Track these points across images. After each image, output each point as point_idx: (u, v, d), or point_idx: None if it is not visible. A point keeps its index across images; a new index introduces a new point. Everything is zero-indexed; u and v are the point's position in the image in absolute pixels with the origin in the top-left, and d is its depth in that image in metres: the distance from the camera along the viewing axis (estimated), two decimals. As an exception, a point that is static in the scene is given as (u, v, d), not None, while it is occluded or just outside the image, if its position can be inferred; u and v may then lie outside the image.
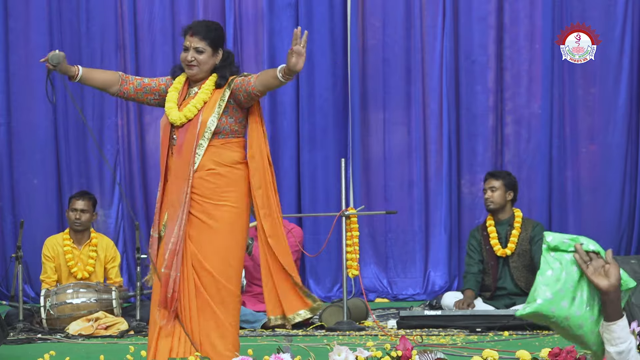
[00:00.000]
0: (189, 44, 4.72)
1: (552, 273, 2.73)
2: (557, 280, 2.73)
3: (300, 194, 9.43)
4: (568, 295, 2.72)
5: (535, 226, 7.43)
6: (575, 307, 2.72)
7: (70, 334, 6.79)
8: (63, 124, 9.50)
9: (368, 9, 9.50)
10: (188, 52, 4.73)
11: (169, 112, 4.73)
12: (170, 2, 9.51)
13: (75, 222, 7.63)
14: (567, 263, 2.74)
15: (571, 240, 2.75)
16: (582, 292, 2.73)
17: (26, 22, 9.53)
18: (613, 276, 2.67)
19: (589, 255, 2.71)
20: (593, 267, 2.69)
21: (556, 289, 2.72)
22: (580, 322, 2.72)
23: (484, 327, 6.70)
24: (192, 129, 4.69)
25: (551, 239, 2.76)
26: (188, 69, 4.74)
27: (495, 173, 7.59)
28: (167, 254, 4.63)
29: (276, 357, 3.92)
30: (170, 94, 4.79)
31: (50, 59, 5.03)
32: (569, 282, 2.72)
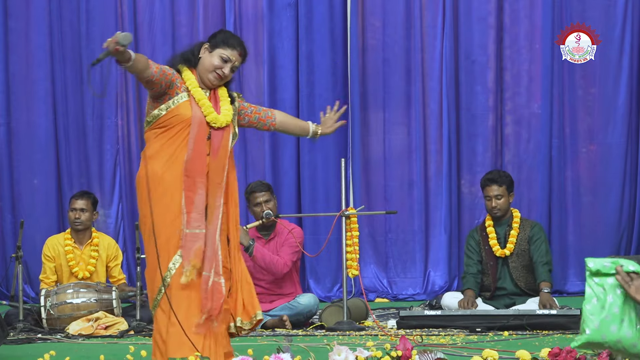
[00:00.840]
0: (233, 59, 4.72)
1: (597, 301, 2.85)
2: (602, 307, 2.85)
3: (300, 194, 9.44)
4: (616, 319, 2.84)
5: (534, 226, 7.42)
6: (624, 329, 2.84)
7: (70, 334, 6.79)
8: (63, 124, 9.50)
9: (368, 9, 9.51)
10: (226, 65, 4.70)
11: (210, 112, 4.67)
12: (170, 2, 9.51)
13: (75, 221, 7.63)
14: (610, 287, 2.85)
15: (612, 263, 2.86)
16: (630, 313, 2.85)
17: (26, 22, 9.53)
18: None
19: (629, 275, 2.82)
20: (635, 286, 2.80)
21: (602, 316, 2.84)
22: (633, 342, 2.85)
23: (484, 327, 6.70)
24: (226, 135, 4.68)
25: (592, 264, 2.88)
26: (216, 79, 4.72)
27: (496, 179, 7.44)
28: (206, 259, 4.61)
29: (276, 357, 3.92)
30: (197, 91, 4.71)
31: (122, 39, 4.44)
32: (615, 306, 2.84)
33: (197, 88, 4.68)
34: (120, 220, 9.54)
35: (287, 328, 7.03)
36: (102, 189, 9.46)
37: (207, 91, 4.75)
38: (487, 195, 7.42)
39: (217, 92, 4.76)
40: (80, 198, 7.68)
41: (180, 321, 4.52)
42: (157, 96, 4.65)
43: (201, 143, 4.62)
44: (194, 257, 4.55)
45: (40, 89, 9.52)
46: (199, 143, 4.61)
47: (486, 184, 7.44)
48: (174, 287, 4.56)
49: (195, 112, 4.63)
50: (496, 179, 7.42)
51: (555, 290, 7.54)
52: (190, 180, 4.60)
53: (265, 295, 7.27)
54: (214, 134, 4.66)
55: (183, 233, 4.58)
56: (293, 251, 7.30)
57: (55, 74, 9.52)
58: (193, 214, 4.58)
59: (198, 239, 4.57)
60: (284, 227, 7.37)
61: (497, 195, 7.38)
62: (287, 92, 9.42)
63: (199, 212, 4.58)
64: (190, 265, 4.54)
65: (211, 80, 4.71)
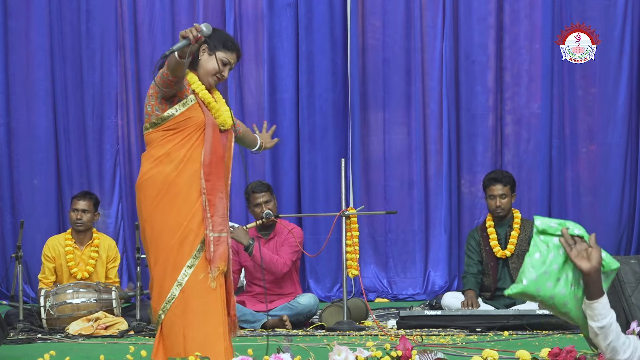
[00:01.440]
0: (232, 63, 4.68)
1: (539, 256, 2.97)
2: (543, 262, 2.96)
3: (300, 194, 9.44)
4: (553, 276, 2.95)
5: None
6: (560, 287, 2.95)
7: (70, 334, 6.79)
8: (63, 124, 9.50)
9: (368, 9, 9.51)
10: (226, 68, 4.65)
11: (219, 115, 4.62)
12: (170, 2, 9.51)
13: (76, 222, 7.63)
14: (554, 246, 2.97)
15: (559, 224, 2.97)
16: (568, 273, 2.96)
17: (26, 22, 9.53)
18: (594, 259, 2.90)
19: (574, 238, 2.94)
20: (577, 250, 2.92)
21: (541, 270, 2.95)
22: (564, 301, 2.96)
23: (484, 327, 6.70)
24: (230, 137, 4.67)
25: (540, 222, 3.00)
26: (215, 81, 4.69)
27: (500, 178, 7.43)
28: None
29: (276, 357, 3.92)
30: (205, 94, 4.66)
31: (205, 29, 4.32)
32: (555, 264, 2.95)
33: (205, 91, 4.65)
34: (120, 220, 9.54)
35: (287, 328, 7.02)
36: (102, 189, 9.46)
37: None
38: (491, 194, 7.40)
39: (213, 94, 4.73)
40: (82, 199, 7.67)
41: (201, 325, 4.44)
42: (169, 97, 4.55)
43: (218, 145, 4.58)
44: (220, 260, 4.52)
45: (40, 89, 9.52)
46: (216, 145, 4.57)
47: (490, 183, 7.42)
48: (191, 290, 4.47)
49: (207, 115, 4.60)
50: (500, 179, 7.41)
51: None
52: (210, 184, 4.52)
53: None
54: (221, 136, 4.64)
55: (208, 237, 4.51)
56: (293, 251, 7.30)
57: (55, 74, 9.52)
58: (215, 217, 4.52)
59: (222, 243, 4.53)
60: (284, 227, 7.37)
61: (501, 194, 7.37)
62: (287, 92, 9.42)
63: (220, 215, 4.54)
64: (217, 269, 4.51)
65: (211, 83, 4.68)
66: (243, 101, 9.48)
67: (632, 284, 4.85)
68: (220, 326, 4.46)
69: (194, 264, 4.48)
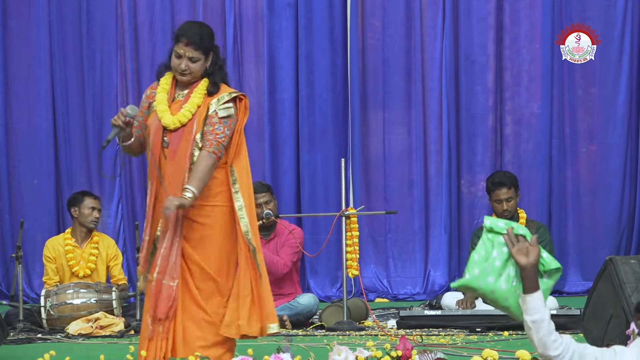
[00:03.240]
0: (183, 53, 4.63)
1: (484, 252, 3.23)
2: (486, 259, 3.22)
3: (300, 194, 9.43)
4: (495, 272, 3.21)
5: (539, 228, 7.40)
6: (501, 282, 3.21)
7: (70, 334, 6.79)
8: (63, 124, 9.49)
9: (368, 9, 9.50)
10: (181, 60, 4.64)
11: (162, 115, 4.65)
12: (170, 2, 9.51)
13: (94, 221, 7.66)
14: (499, 244, 3.23)
15: (505, 224, 3.23)
16: (510, 270, 3.21)
17: (26, 22, 9.53)
18: (532, 256, 3.19)
19: (517, 237, 3.21)
20: (518, 247, 3.20)
21: (484, 266, 3.21)
22: (505, 296, 3.21)
23: (484, 327, 6.70)
24: (186, 135, 4.61)
25: (488, 222, 3.25)
26: (181, 76, 4.69)
27: (505, 181, 7.39)
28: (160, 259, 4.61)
29: (276, 357, 3.92)
30: (160, 95, 4.70)
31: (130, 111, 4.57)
32: (498, 260, 3.21)
33: (162, 93, 4.69)
34: (120, 220, 9.54)
35: (287, 328, 7.02)
36: (102, 189, 9.45)
37: (186, 91, 4.71)
38: (497, 198, 7.37)
39: (194, 88, 4.72)
40: (95, 198, 7.74)
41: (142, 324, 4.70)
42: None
43: (156, 149, 4.66)
44: (142, 264, 4.71)
45: (40, 89, 9.51)
46: (155, 148, 4.67)
47: (495, 188, 7.38)
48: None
49: (153, 119, 4.66)
50: (505, 182, 7.38)
51: (554, 290, 7.54)
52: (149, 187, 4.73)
53: (266, 295, 7.26)
54: (172, 136, 4.64)
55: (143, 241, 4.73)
56: (293, 251, 7.30)
57: (55, 74, 9.51)
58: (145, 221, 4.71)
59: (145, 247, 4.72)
60: (284, 228, 7.37)
61: (507, 198, 7.36)
62: (287, 92, 9.42)
63: (147, 219, 4.72)
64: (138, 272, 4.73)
65: (181, 79, 4.70)
66: (243, 101, 9.48)
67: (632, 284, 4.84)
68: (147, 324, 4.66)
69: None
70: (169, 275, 4.58)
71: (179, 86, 4.74)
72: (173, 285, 4.57)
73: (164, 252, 4.59)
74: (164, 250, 4.59)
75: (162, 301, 4.57)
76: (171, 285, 4.57)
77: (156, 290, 4.59)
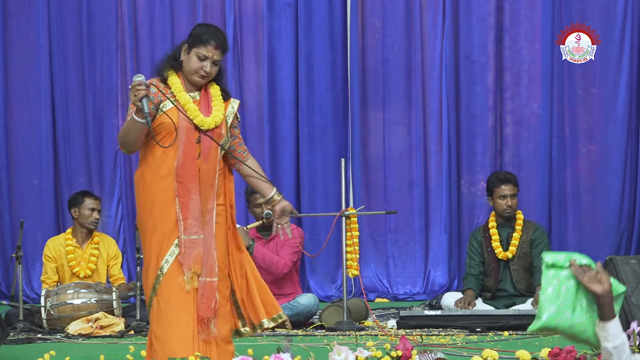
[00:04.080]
0: (211, 56, 4.61)
1: (552, 289, 3.18)
2: (557, 296, 3.18)
3: (300, 194, 9.43)
4: (569, 306, 3.17)
5: (536, 229, 7.40)
6: (577, 315, 3.17)
7: (70, 334, 6.79)
8: (63, 124, 9.50)
9: (368, 9, 9.50)
10: (206, 63, 4.60)
11: (196, 115, 4.59)
12: (170, 3, 9.51)
13: (94, 221, 7.66)
14: (564, 278, 3.18)
15: (566, 257, 3.19)
16: (582, 302, 3.17)
17: (26, 22, 9.53)
18: (605, 282, 3.14)
19: (582, 267, 3.17)
20: (588, 277, 3.15)
21: (558, 303, 3.17)
22: (583, 328, 3.17)
23: (484, 327, 6.70)
24: (217, 137, 4.61)
25: (549, 258, 3.21)
26: (200, 78, 4.64)
27: (509, 177, 7.42)
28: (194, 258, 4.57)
29: (276, 357, 3.91)
30: (182, 95, 4.65)
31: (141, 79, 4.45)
32: (568, 295, 3.17)
33: (182, 92, 4.62)
34: (120, 220, 9.54)
35: (287, 328, 7.02)
36: (102, 189, 9.46)
37: (196, 92, 4.69)
38: (503, 194, 7.37)
39: (209, 91, 4.70)
40: (95, 198, 7.74)
41: (169, 323, 4.50)
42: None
43: (190, 148, 4.57)
44: (194, 263, 4.53)
45: (40, 89, 9.51)
46: (188, 148, 4.56)
47: (502, 183, 7.38)
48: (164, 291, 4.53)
49: (182, 118, 4.59)
50: (510, 179, 7.41)
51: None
52: (182, 186, 4.56)
53: (266, 295, 7.27)
54: (204, 137, 4.60)
55: (181, 240, 4.54)
56: (293, 251, 7.30)
57: (55, 74, 9.52)
58: (189, 219, 4.55)
59: (196, 245, 4.54)
60: (284, 228, 7.36)
61: (512, 194, 7.37)
62: (287, 92, 9.42)
63: (195, 217, 4.55)
64: (191, 271, 4.52)
65: (197, 81, 4.65)
66: (243, 101, 9.47)
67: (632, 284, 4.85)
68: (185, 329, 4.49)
69: (166, 267, 4.52)
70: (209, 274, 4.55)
71: (188, 88, 4.71)
72: (215, 282, 4.56)
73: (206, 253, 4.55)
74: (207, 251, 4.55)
75: (210, 302, 4.55)
76: (214, 283, 4.56)
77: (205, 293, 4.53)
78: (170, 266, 4.52)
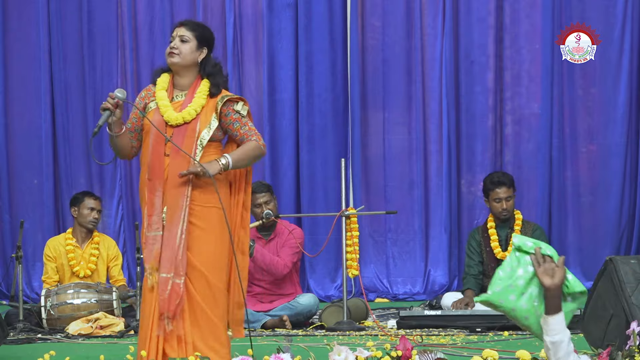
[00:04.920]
0: (175, 34, 4.79)
1: (509, 269, 3.25)
2: (510, 276, 3.24)
3: (300, 194, 9.43)
4: (517, 290, 3.24)
5: (535, 230, 7.40)
6: (522, 301, 3.24)
7: (70, 334, 6.79)
8: (63, 124, 9.50)
9: (368, 9, 9.50)
10: (173, 42, 4.78)
11: (165, 110, 4.68)
12: (170, 3, 9.51)
13: (93, 221, 7.67)
14: (525, 262, 3.25)
15: (534, 244, 3.25)
16: (533, 290, 3.23)
17: (26, 22, 9.53)
18: (557, 277, 3.21)
19: (544, 257, 3.22)
20: (543, 268, 3.22)
21: (507, 284, 3.24)
22: (526, 315, 3.24)
23: (484, 327, 6.70)
24: (190, 133, 4.64)
25: (517, 240, 3.27)
26: (169, 57, 4.76)
27: (505, 181, 7.41)
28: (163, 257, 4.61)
29: (276, 357, 3.92)
30: (160, 92, 4.74)
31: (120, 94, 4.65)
32: (521, 279, 3.24)
33: (161, 90, 4.73)
34: (120, 220, 9.54)
35: (287, 328, 7.02)
36: (102, 189, 9.46)
37: (182, 91, 4.73)
38: (497, 197, 7.37)
39: (196, 89, 4.74)
40: (95, 198, 7.75)
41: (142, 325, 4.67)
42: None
43: (157, 145, 4.64)
44: (153, 259, 4.61)
45: (40, 89, 9.51)
46: (155, 145, 4.66)
47: (495, 187, 7.38)
48: (144, 289, 4.69)
49: (155, 115, 4.67)
50: (505, 181, 7.40)
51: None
52: (151, 183, 4.67)
53: (266, 295, 7.27)
54: (176, 132, 4.65)
55: (144, 236, 4.68)
56: (293, 252, 7.30)
57: (55, 74, 9.51)
58: (153, 216, 4.64)
59: (156, 241, 4.62)
60: (285, 228, 7.37)
61: (507, 197, 7.36)
62: (287, 92, 9.42)
63: (157, 214, 4.62)
64: (149, 267, 4.63)
65: (171, 63, 4.75)
66: (243, 101, 9.48)
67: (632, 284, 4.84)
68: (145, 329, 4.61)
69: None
70: (176, 274, 4.58)
71: (178, 87, 4.76)
72: (180, 282, 4.57)
73: (168, 249, 4.58)
74: (169, 247, 4.58)
75: (171, 299, 4.56)
76: (178, 283, 4.57)
77: (162, 289, 4.58)
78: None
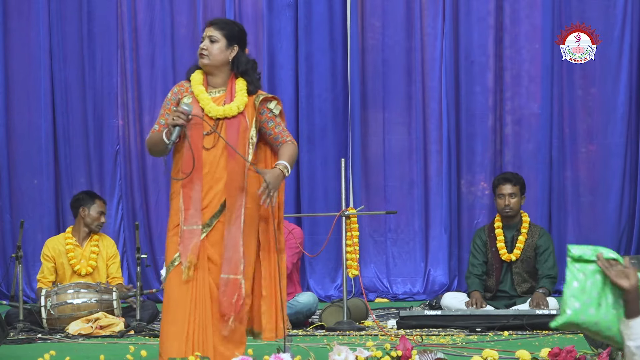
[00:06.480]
0: (205, 34, 4.72)
1: (577, 284, 3.06)
2: (582, 290, 3.06)
3: (300, 194, 9.43)
4: (594, 302, 3.05)
5: (542, 235, 7.37)
6: (602, 312, 3.05)
7: (70, 334, 6.79)
8: (63, 124, 9.50)
9: (368, 9, 9.51)
10: (203, 43, 4.70)
11: (206, 103, 4.63)
12: (170, 3, 9.51)
13: (100, 225, 7.67)
14: (590, 273, 3.07)
15: (593, 251, 3.08)
16: (607, 297, 3.06)
17: (26, 22, 9.53)
18: (633, 277, 3.05)
19: (609, 262, 3.07)
20: (615, 271, 3.06)
21: (583, 299, 3.05)
22: (608, 325, 3.05)
23: (484, 327, 6.70)
24: (242, 133, 4.63)
25: (575, 250, 3.09)
26: (200, 58, 4.72)
27: (510, 178, 7.43)
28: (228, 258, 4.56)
29: (276, 357, 3.91)
30: (197, 87, 4.69)
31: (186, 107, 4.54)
32: (594, 290, 3.05)
33: (198, 85, 4.69)
34: (120, 220, 9.54)
35: (287, 328, 7.02)
36: (102, 189, 9.45)
37: (220, 89, 4.72)
38: (501, 193, 7.39)
39: (234, 87, 4.72)
40: (104, 202, 7.75)
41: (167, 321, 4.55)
42: None
43: (196, 138, 4.60)
44: (191, 253, 4.55)
45: (40, 89, 9.51)
46: (194, 138, 4.59)
47: (500, 182, 7.42)
48: (168, 285, 4.58)
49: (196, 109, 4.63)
50: (510, 178, 7.43)
51: (555, 290, 7.54)
52: (188, 177, 4.60)
53: (266, 295, 7.26)
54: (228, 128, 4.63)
55: (181, 230, 4.57)
56: (293, 252, 7.30)
57: (55, 74, 9.51)
58: (191, 210, 4.57)
59: (194, 236, 4.56)
60: (284, 228, 7.36)
61: (510, 193, 7.36)
62: (287, 92, 9.42)
63: (196, 208, 4.58)
64: (187, 261, 4.53)
65: (201, 63, 4.71)
66: (243, 101, 9.49)
67: (632, 284, 4.84)
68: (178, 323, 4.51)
69: (177, 260, 4.55)
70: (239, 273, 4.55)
71: (211, 84, 4.74)
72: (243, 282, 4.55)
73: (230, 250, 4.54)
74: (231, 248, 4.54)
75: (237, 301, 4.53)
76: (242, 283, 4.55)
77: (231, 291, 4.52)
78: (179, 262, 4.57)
